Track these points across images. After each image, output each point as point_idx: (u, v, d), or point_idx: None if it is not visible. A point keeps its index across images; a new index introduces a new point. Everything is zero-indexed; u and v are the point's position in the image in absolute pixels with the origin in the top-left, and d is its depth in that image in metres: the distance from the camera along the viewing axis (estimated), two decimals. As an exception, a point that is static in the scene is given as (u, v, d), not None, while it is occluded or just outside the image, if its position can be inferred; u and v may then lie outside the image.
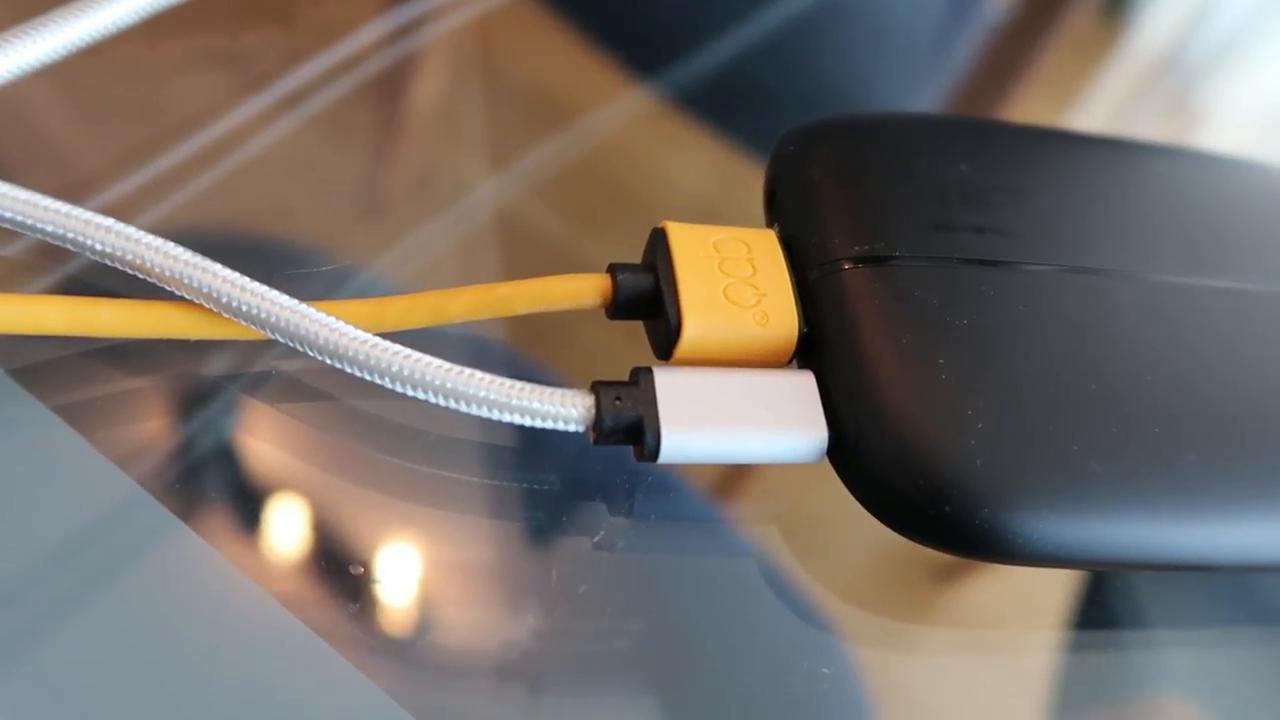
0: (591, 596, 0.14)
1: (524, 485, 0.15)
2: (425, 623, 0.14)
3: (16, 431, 0.14)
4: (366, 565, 0.14)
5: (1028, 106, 0.29)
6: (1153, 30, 0.33)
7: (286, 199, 0.19)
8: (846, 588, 0.16)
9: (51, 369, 0.14)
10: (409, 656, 0.14)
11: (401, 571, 0.15)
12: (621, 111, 0.23)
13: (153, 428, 0.15)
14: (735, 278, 0.15)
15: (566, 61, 0.24)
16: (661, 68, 0.24)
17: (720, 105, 0.23)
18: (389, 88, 0.21)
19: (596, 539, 0.15)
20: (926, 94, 0.28)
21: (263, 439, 0.15)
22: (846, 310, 0.14)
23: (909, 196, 0.16)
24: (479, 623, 0.15)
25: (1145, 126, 0.30)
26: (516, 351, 0.17)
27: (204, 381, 0.15)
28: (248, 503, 0.15)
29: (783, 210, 0.16)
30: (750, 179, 0.23)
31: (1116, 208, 0.16)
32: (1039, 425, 0.14)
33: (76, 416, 0.14)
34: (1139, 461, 0.14)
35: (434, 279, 0.19)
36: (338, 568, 0.14)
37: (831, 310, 0.14)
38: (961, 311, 0.14)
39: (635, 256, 0.15)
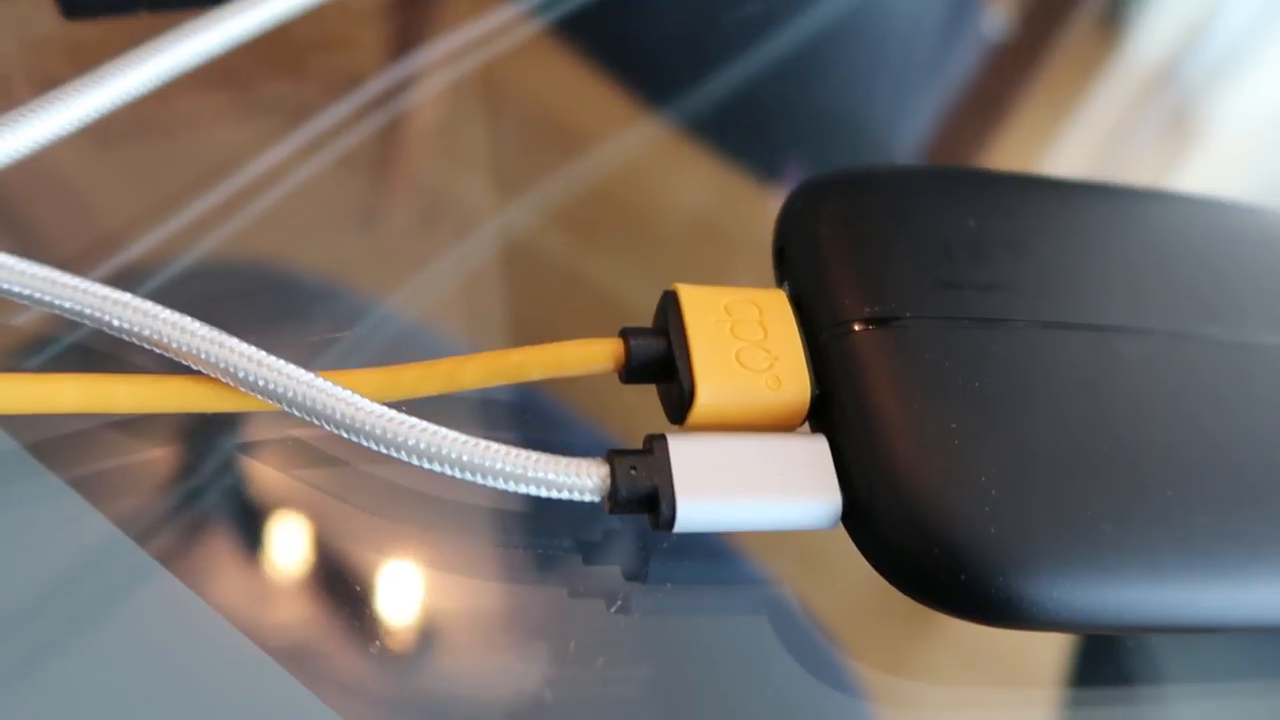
0: (608, 662, 0.14)
1: (539, 550, 0.15)
2: (436, 684, 0.14)
3: (31, 505, 0.14)
4: (383, 633, 0.14)
5: (1026, 121, 0.29)
6: (1150, 43, 0.33)
7: (306, 242, 0.19)
8: (860, 645, 0.16)
9: (67, 442, 0.14)
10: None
11: (417, 635, 0.15)
12: (628, 139, 0.23)
13: (167, 497, 0.15)
14: (747, 341, 0.15)
15: (575, 94, 0.24)
16: (667, 96, 0.24)
17: (725, 131, 0.24)
18: (397, 130, 0.22)
19: (614, 608, 0.15)
20: (926, 112, 0.28)
21: (278, 505, 0.15)
22: (857, 373, 0.14)
23: (917, 254, 0.16)
24: (492, 684, 0.15)
25: (1143, 139, 0.30)
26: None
27: (219, 450, 0.15)
28: (264, 570, 0.15)
29: (792, 269, 0.16)
30: (754, 202, 0.23)
31: (1124, 260, 0.17)
32: (1052, 490, 0.14)
33: (91, 488, 0.14)
34: (1152, 525, 0.14)
35: (451, 309, 0.19)
36: (354, 634, 0.14)
37: (843, 373, 0.15)
38: (972, 373, 0.14)
39: (643, 281, 0.15)
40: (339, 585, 0.15)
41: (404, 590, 0.15)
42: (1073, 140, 0.29)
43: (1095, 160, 0.29)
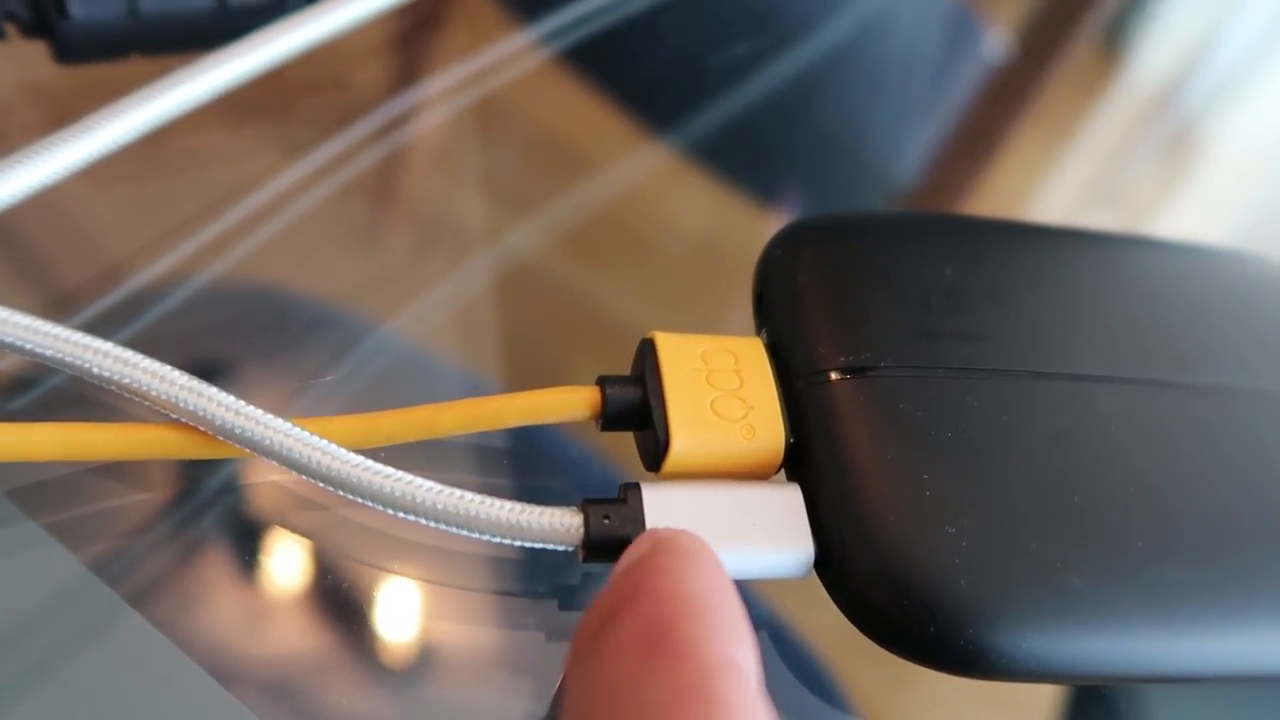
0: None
1: (516, 594, 0.15)
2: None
3: (6, 551, 0.14)
4: (354, 676, 0.14)
5: (1027, 143, 0.29)
6: (1150, 67, 0.33)
7: (308, 271, 0.19)
8: (849, 687, 0.16)
9: (45, 487, 0.15)
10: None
11: (388, 680, 0.15)
12: (628, 164, 0.23)
13: (144, 542, 0.15)
14: (723, 390, 0.15)
15: (575, 121, 0.24)
16: (667, 122, 0.24)
17: (724, 155, 0.24)
18: (400, 160, 0.22)
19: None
20: (926, 134, 0.28)
21: (255, 549, 0.15)
22: (832, 423, 0.14)
23: (894, 303, 0.16)
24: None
25: (1143, 163, 0.30)
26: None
27: (197, 494, 0.15)
28: (238, 613, 0.15)
29: (770, 316, 0.16)
30: (753, 225, 0.23)
31: (1101, 309, 0.17)
32: (1023, 542, 0.14)
33: (67, 533, 0.14)
34: (1122, 577, 0.14)
35: (454, 332, 0.19)
36: (327, 678, 0.14)
37: (818, 422, 0.15)
38: (945, 423, 0.15)
39: (642, 304, 0.15)
40: (313, 629, 0.15)
41: (377, 634, 0.15)
42: (1072, 164, 0.29)
43: (1094, 184, 0.29)
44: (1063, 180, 0.29)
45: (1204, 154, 0.32)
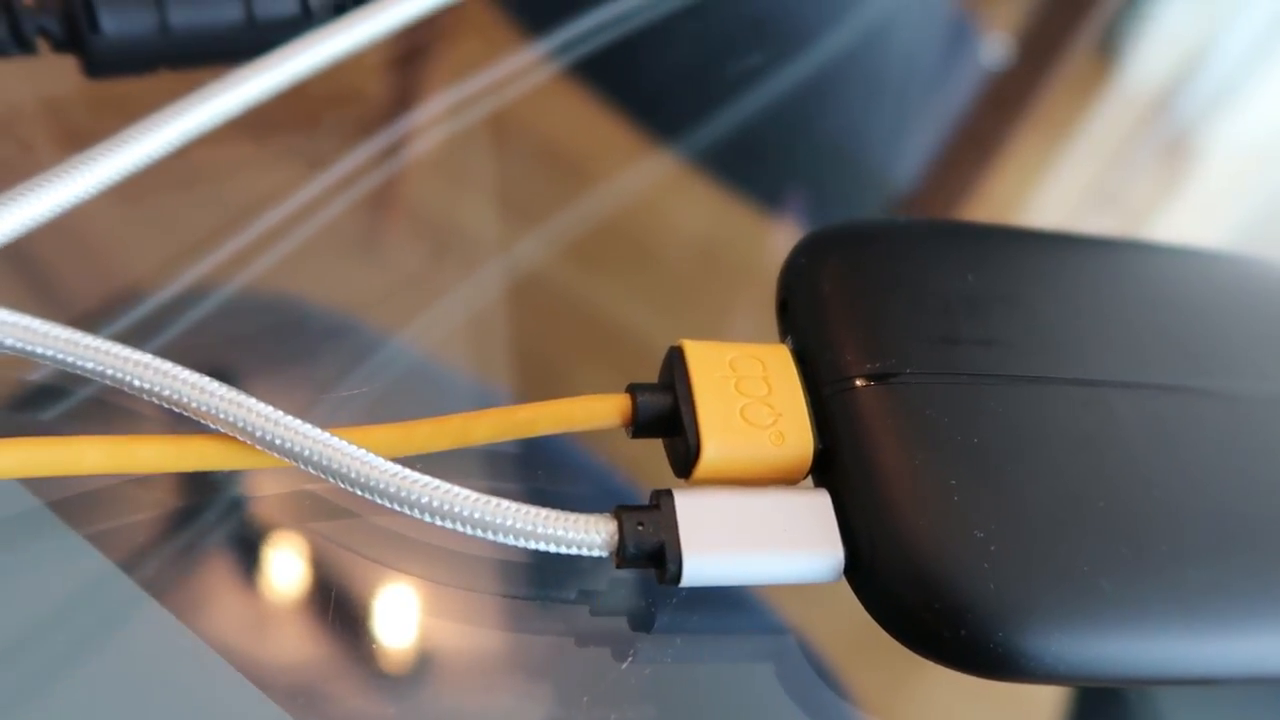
0: (616, 713, 0.15)
1: (546, 600, 0.16)
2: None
3: (53, 563, 0.14)
4: (392, 681, 0.15)
5: (1025, 147, 0.29)
6: (1147, 72, 0.33)
7: (324, 284, 0.20)
8: (870, 694, 0.16)
9: (88, 499, 0.15)
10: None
11: (423, 684, 0.15)
12: (635, 174, 0.24)
13: (186, 552, 0.15)
14: (751, 397, 0.15)
15: (582, 132, 0.24)
16: (673, 131, 0.24)
17: (729, 164, 0.24)
18: (410, 173, 0.22)
19: (622, 658, 0.15)
20: (925, 141, 0.28)
21: (293, 558, 0.15)
22: (859, 430, 0.15)
23: (918, 310, 0.16)
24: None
25: (1140, 168, 0.31)
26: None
27: (237, 505, 0.16)
28: (279, 621, 0.15)
29: (795, 324, 0.16)
30: (758, 233, 0.24)
31: (1120, 314, 0.17)
32: (1050, 545, 0.14)
33: (111, 544, 0.15)
34: (1147, 579, 0.14)
35: (464, 342, 0.19)
36: (367, 683, 0.15)
37: (845, 429, 0.15)
38: (971, 429, 0.15)
39: (650, 312, 0.15)
40: (344, 633, 0.15)
41: (411, 639, 0.15)
42: (1070, 168, 0.29)
43: (1091, 188, 0.30)
44: (1061, 184, 0.29)
45: (1201, 158, 0.32)
